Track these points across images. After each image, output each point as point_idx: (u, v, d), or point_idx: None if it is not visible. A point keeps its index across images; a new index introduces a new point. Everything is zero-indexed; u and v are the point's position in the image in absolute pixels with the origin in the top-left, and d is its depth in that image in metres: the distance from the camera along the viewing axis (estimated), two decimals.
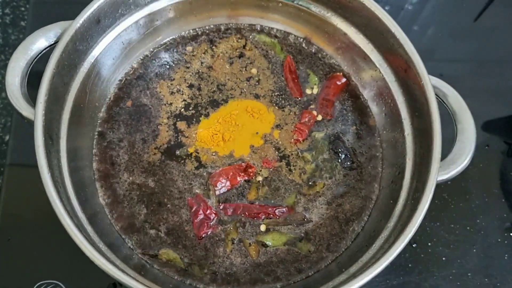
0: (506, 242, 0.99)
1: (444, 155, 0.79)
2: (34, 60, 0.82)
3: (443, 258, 0.97)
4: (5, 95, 0.81)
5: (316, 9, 0.97)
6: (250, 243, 0.85)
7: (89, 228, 0.77)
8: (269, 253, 0.85)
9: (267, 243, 0.85)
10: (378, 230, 0.82)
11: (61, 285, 0.90)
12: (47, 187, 0.71)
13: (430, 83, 0.81)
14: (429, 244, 0.98)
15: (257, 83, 0.99)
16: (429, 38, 1.21)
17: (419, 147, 0.84)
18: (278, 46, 1.01)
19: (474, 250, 0.98)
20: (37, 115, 0.74)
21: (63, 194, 0.75)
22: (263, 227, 0.87)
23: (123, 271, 0.69)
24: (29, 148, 0.75)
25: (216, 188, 0.88)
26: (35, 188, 0.73)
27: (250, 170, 0.90)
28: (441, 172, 0.77)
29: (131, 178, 0.89)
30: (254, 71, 0.99)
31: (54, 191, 0.70)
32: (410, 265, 0.96)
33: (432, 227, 0.99)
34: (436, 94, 0.82)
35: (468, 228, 1.00)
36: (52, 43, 0.83)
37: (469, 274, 0.96)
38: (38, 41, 0.82)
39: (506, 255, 0.98)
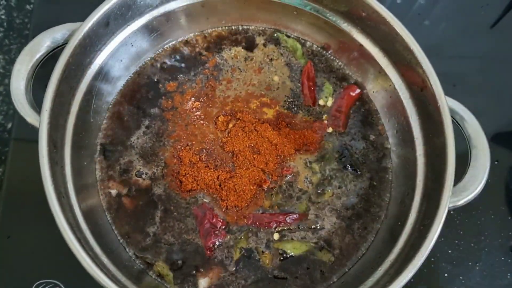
0: (509, 260, 0.98)
1: (455, 177, 0.77)
2: (40, 62, 0.80)
3: (445, 275, 0.96)
4: (8, 82, 0.79)
5: (332, 18, 0.94)
6: (263, 251, 0.85)
7: (91, 240, 0.76)
8: (275, 264, 0.85)
9: (288, 251, 0.85)
10: (385, 253, 0.81)
11: (60, 285, 0.89)
12: (50, 200, 0.70)
13: (447, 105, 0.79)
14: (432, 259, 0.97)
15: (276, 90, 0.97)
16: (439, 34, 1.19)
17: (431, 170, 0.83)
18: (300, 50, 0.99)
19: (477, 268, 0.97)
20: (42, 123, 0.72)
21: (66, 205, 0.74)
22: (276, 236, 0.86)
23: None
24: (32, 137, 0.74)
25: None
26: (37, 182, 0.72)
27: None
28: (452, 198, 0.76)
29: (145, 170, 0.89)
30: (276, 78, 0.98)
31: (57, 204, 0.70)
32: (412, 280, 0.95)
33: (435, 242, 0.98)
34: (452, 117, 0.80)
35: (472, 244, 0.99)
36: (60, 45, 0.80)
37: None
38: (45, 43, 0.80)
39: (509, 274, 0.97)
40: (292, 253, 0.85)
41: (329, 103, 0.96)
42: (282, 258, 0.85)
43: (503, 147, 1.08)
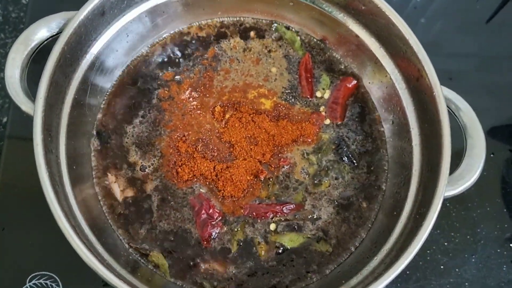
0: (505, 252, 0.98)
1: (451, 169, 0.77)
2: (35, 51, 0.80)
3: (441, 267, 0.96)
4: (3, 75, 0.78)
5: (328, 9, 0.94)
6: (259, 242, 0.85)
7: (86, 229, 0.76)
8: (272, 255, 0.85)
9: (284, 244, 0.85)
10: (380, 242, 0.80)
11: (56, 277, 0.89)
12: (44, 187, 0.70)
13: (443, 94, 0.79)
14: (428, 251, 0.97)
15: (273, 81, 0.97)
16: (436, 32, 1.19)
17: (427, 159, 0.83)
18: (298, 41, 0.99)
19: (473, 260, 0.98)
20: (37, 111, 0.72)
21: (61, 193, 0.74)
22: (272, 226, 0.86)
23: (117, 276, 0.68)
24: (26, 132, 0.73)
25: None
26: (32, 175, 0.72)
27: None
28: (448, 187, 0.76)
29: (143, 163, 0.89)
30: (274, 70, 0.98)
31: (52, 191, 0.69)
32: (408, 272, 0.96)
33: (431, 234, 0.95)
34: (447, 106, 0.80)
35: (468, 237, 0.99)
36: (54, 34, 0.80)
37: (466, 283, 0.96)
38: (40, 32, 0.79)
39: (505, 266, 0.98)
40: (289, 246, 0.85)
41: (326, 95, 0.96)
42: (279, 251, 0.84)
43: (498, 141, 1.08)
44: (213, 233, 0.85)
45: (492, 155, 1.05)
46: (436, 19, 1.20)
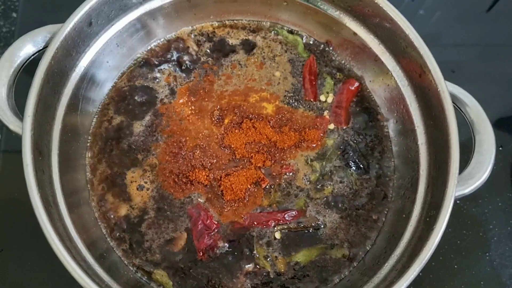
0: None
1: (460, 167, 0.74)
2: (21, 67, 0.77)
3: (455, 266, 0.94)
4: None
5: (323, 6, 0.92)
6: (276, 256, 0.82)
7: (83, 250, 0.73)
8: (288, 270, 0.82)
9: (299, 261, 0.82)
10: (390, 248, 0.78)
11: None
12: (36, 209, 0.67)
13: (447, 90, 0.76)
14: (440, 251, 0.94)
15: (276, 85, 0.95)
16: (435, 23, 1.17)
17: (434, 158, 0.80)
18: (301, 44, 0.97)
19: (487, 258, 0.95)
20: (25, 130, 0.69)
21: (55, 214, 0.71)
22: (278, 234, 0.83)
23: None
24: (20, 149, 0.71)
25: None
26: (27, 194, 0.69)
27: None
28: (458, 187, 0.73)
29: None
30: (277, 74, 0.95)
31: (44, 213, 0.67)
32: (420, 274, 0.92)
33: (443, 234, 0.95)
34: (453, 102, 0.76)
35: (480, 234, 0.96)
36: (41, 48, 0.78)
37: (482, 282, 0.93)
38: (25, 47, 0.77)
39: None
40: (304, 261, 0.82)
41: (330, 99, 0.93)
42: (295, 268, 0.82)
43: (506, 132, 1.05)
44: (209, 245, 0.82)
45: (500, 148, 1.02)
46: (434, 10, 1.17)
